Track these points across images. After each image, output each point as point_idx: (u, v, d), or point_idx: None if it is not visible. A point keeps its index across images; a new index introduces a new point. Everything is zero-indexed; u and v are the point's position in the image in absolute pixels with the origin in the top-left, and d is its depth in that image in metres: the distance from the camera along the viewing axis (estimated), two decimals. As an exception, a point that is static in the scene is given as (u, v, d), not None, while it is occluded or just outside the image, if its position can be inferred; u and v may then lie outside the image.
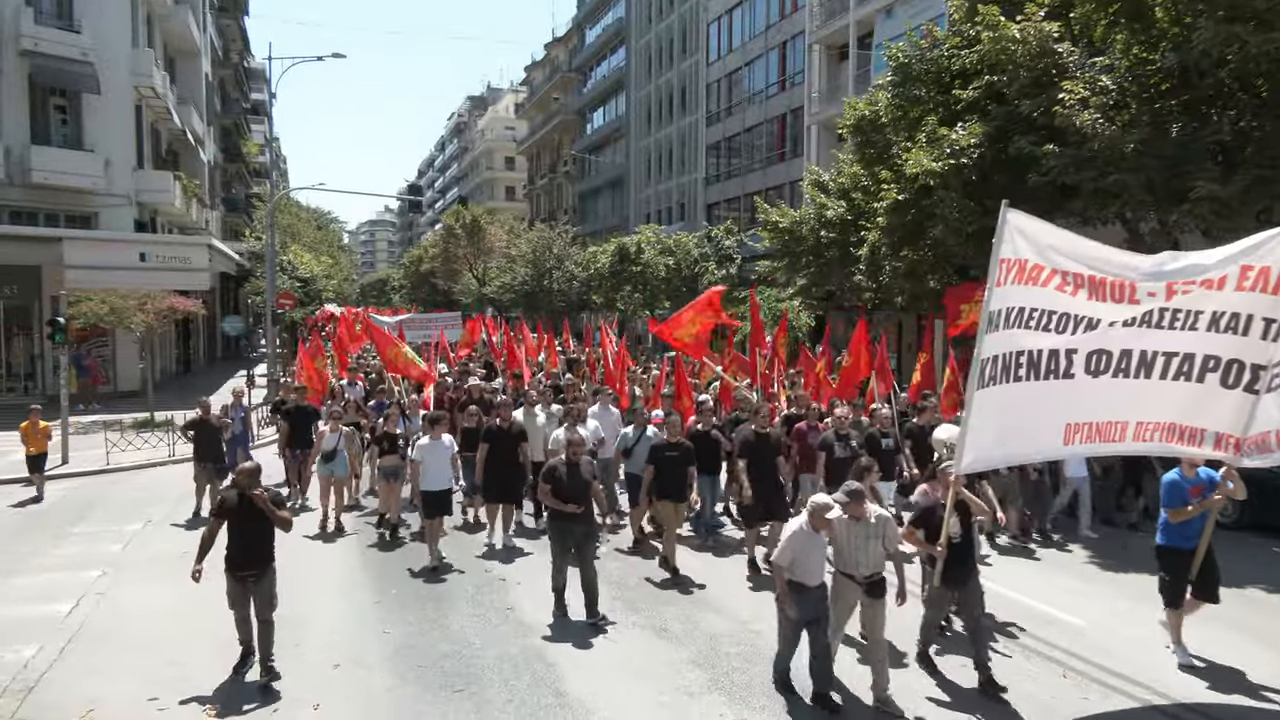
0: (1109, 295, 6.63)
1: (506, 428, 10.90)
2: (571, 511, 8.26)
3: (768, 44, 38.47)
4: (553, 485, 8.41)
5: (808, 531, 6.57)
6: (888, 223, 16.70)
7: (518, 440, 10.92)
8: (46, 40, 25.28)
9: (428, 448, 10.12)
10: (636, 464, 10.61)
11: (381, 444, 11.52)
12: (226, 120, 50.24)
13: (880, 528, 6.67)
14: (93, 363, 25.53)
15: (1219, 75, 11.63)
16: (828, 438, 10.34)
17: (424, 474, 10.08)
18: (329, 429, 12.04)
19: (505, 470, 10.76)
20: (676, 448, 9.85)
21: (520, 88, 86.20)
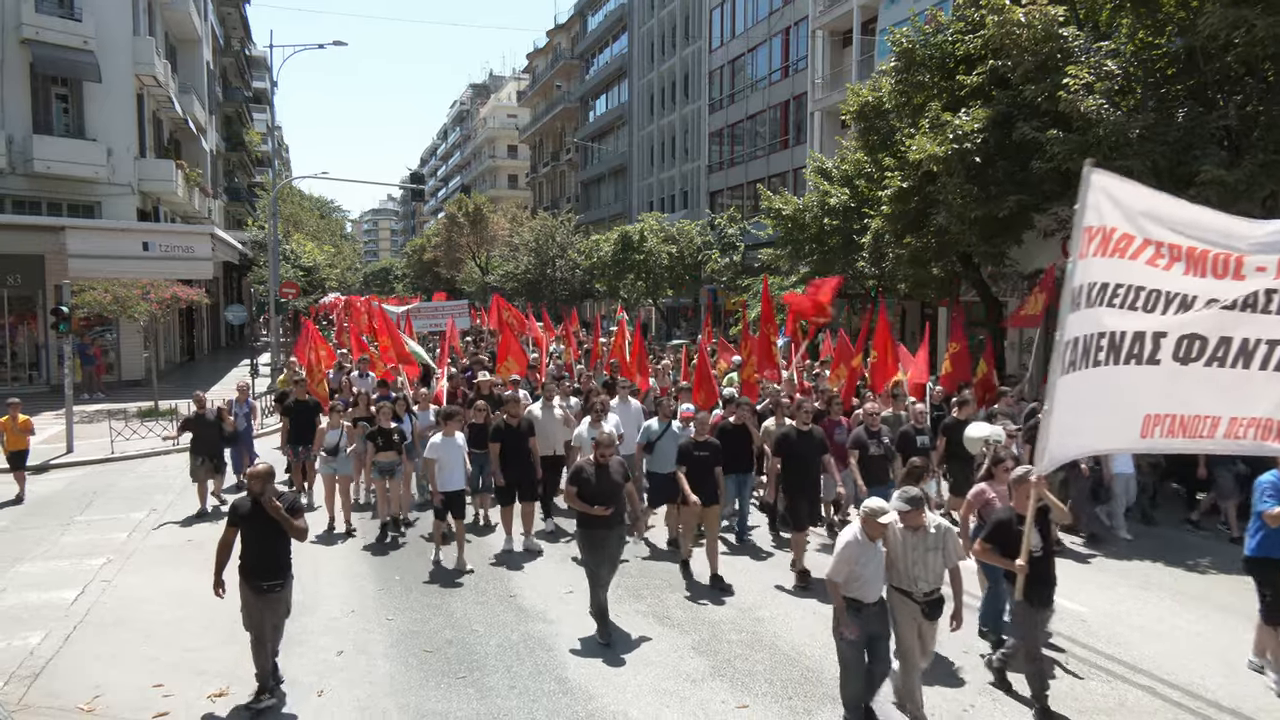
0: (1209, 270, 5.80)
1: (515, 425, 10.35)
2: (600, 514, 7.63)
3: (770, 30, 38.23)
4: (579, 488, 7.80)
5: (862, 541, 5.95)
6: (891, 210, 16.64)
7: (528, 436, 10.42)
8: (48, 29, 25.22)
9: (442, 445, 9.68)
10: (660, 460, 10.01)
11: (376, 440, 10.85)
12: (228, 108, 50.14)
13: (940, 539, 6.09)
14: (96, 351, 25.54)
15: (1225, 59, 11.53)
16: (860, 435, 9.77)
17: (440, 474, 9.65)
18: (329, 424, 11.50)
19: (518, 468, 10.21)
20: (705, 446, 9.15)
21: (522, 75, 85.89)
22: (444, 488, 9.66)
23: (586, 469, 7.89)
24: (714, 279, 35.99)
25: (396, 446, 10.87)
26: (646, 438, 10.41)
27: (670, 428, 10.13)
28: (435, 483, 9.65)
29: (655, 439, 10.26)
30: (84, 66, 25.79)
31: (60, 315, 16.92)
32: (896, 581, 6.15)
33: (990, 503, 7.30)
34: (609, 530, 7.79)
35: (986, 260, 16.49)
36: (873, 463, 9.60)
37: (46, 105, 26.28)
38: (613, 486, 7.87)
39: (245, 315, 35.83)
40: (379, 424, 10.96)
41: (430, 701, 6.62)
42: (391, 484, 10.90)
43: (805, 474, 9.22)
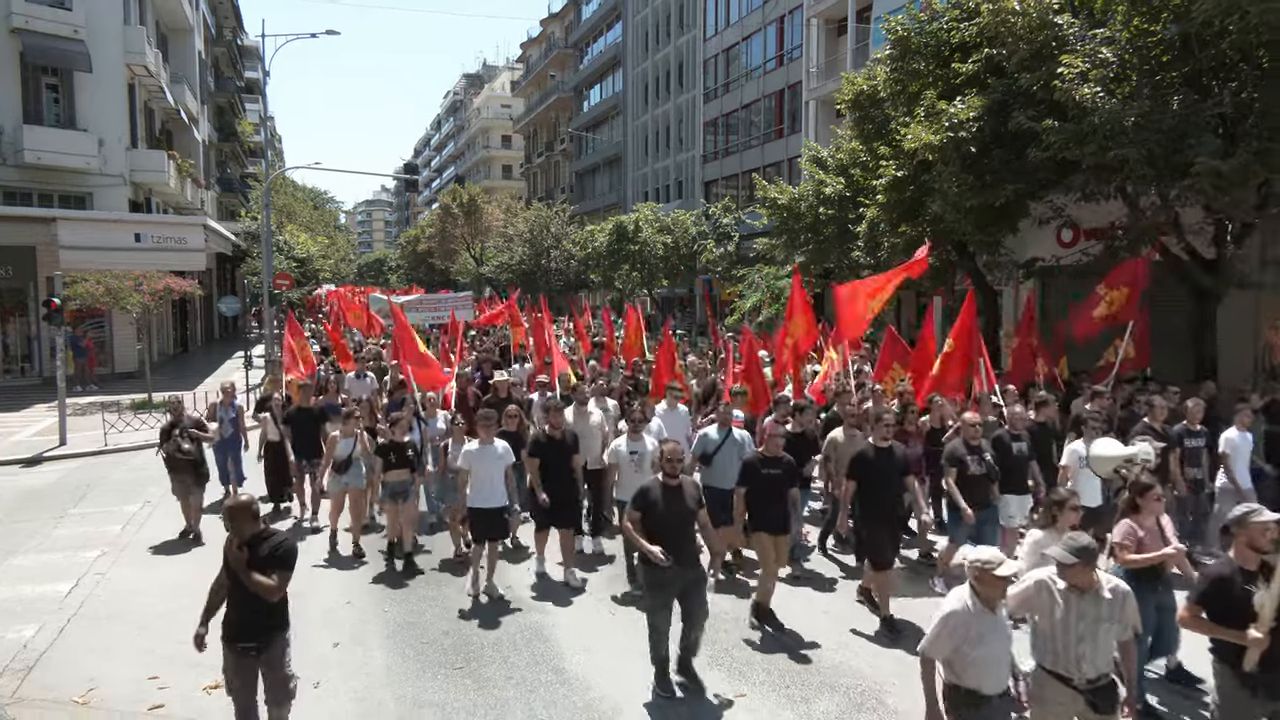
0: None
1: (559, 437, 8.93)
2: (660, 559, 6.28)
3: (765, 19, 38.08)
4: (644, 514, 6.48)
5: (975, 610, 4.45)
6: (886, 199, 16.60)
7: (572, 452, 9.00)
8: (37, 18, 25.02)
9: (477, 454, 8.44)
10: (719, 474, 8.65)
11: (388, 455, 9.41)
12: (221, 99, 49.83)
13: (1118, 606, 4.62)
14: (88, 343, 25.43)
15: (1220, 46, 11.49)
16: (957, 450, 8.24)
17: (473, 487, 8.39)
18: (341, 433, 10.04)
19: (558, 489, 8.81)
20: (776, 463, 7.69)
21: (516, 65, 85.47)
22: (482, 504, 8.34)
23: (653, 490, 6.54)
24: (709, 269, 35.95)
25: (411, 464, 9.50)
26: (703, 448, 9.04)
27: (731, 436, 8.90)
28: (464, 496, 8.45)
29: (714, 450, 8.86)
30: (74, 56, 25.60)
31: (52, 307, 16.83)
32: (1050, 663, 4.66)
33: (1144, 543, 5.94)
34: (680, 570, 6.44)
35: (982, 249, 16.47)
36: (973, 484, 8.11)
37: (37, 95, 26.10)
38: (684, 515, 6.55)
39: (239, 307, 35.72)
40: (392, 436, 9.59)
41: (427, 692, 6.62)
42: (404, 507, 9.46)
43: (886, 500, 7.82)
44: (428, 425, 10.73)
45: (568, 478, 8.95)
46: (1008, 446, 8.61)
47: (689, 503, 6.58)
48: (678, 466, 6.66)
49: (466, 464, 8.45)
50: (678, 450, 6.77)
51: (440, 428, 10.56)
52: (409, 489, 9.47)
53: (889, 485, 7.83)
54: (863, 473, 7.79)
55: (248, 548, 5.23)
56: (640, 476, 8.15)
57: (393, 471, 9.38)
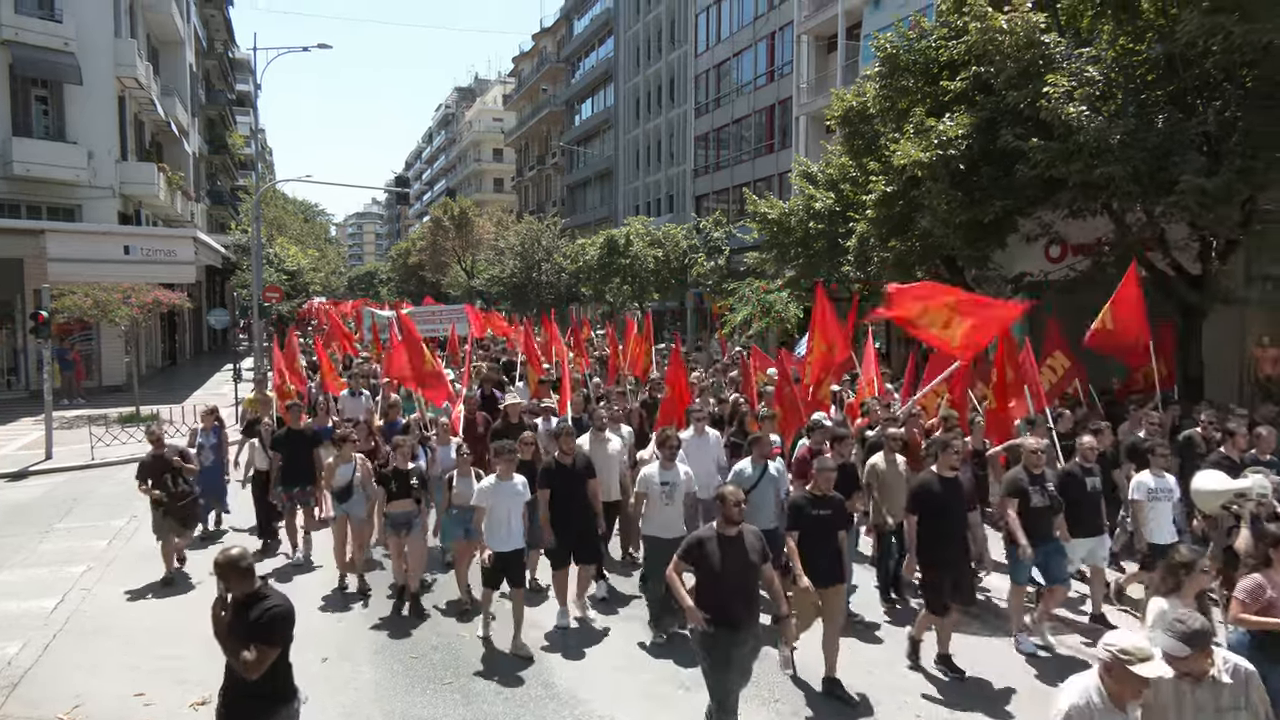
0: None
1: (569, 464, 8.20)
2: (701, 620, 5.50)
3: (756, 35, 38.36)
4: (698, 569, 5.65)
5: (1102, 708, 3.68)
6: (876, 214, 16.71)
7: (586, 478, 8.28)
8: (27, 30, 25.00)
9: (494, 491, 7.60)
10: (755, 513, 7.40)
11: (389, 484, 8.56)
12: (211, 111, 49.81)
13: (1241, 690, 3.95)
14: (75, 356, 25.28)
15: (1204, 65, 11.66)
16: (1018, 480, 7.48)
17: (489, 528, 7.59)
18: (338, 459, 9.10)
19: (575, 521, 8.09)
20: (827, 503, 6.76)
21: (508, 79, 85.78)
22: (499, 546, 7.55)
23: (708, 541, 5.67)
24: (700, 283, 36.05)
25: (415, 494, 8.64)
26: (737, 484, 7.63)
27: (767, 471, 8.02)
28: (484, 537, 7.59)
29: (749, 487, 7.76)
30: (64, 68, 25.58)
31: (39, 320, 16.73)
32: None
33: (1275, 605, 5.01)
34: (737, 634, 5.58)
35: (970, 264, 16.59)
36: (1036, 517, 7.33)
37: (26, 107, 26.04)
38: (746, 570, 5.65)
39: (228, 319, 35.60)
40: (393, 463, 8.72)
41: (416, 708, 6.59)
42: (409, 541, 8.56)
43: (951, 537, 6.97)
44: (438, 453, 9.76)
45: (584, 508, 8.15)
46: (1080, 482, 7.72)
47: (752, 555, 5.67)
48: (739, 512, 5.73)
49: (483, 501, 7.61)
50: (738, 494, 5.85)
51: (452, 459, 9.24)
52: (414, 521, 8.54)
53: (956, 519, 7.01)
54: (927, 506, 6.93)
55: (238, 608, 4.48)
56: (672, 510, 7.73)
57: (395, 502, 8.52)
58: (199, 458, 10.84)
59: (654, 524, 7.78)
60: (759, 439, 8.33)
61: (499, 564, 7.54)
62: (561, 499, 8.06)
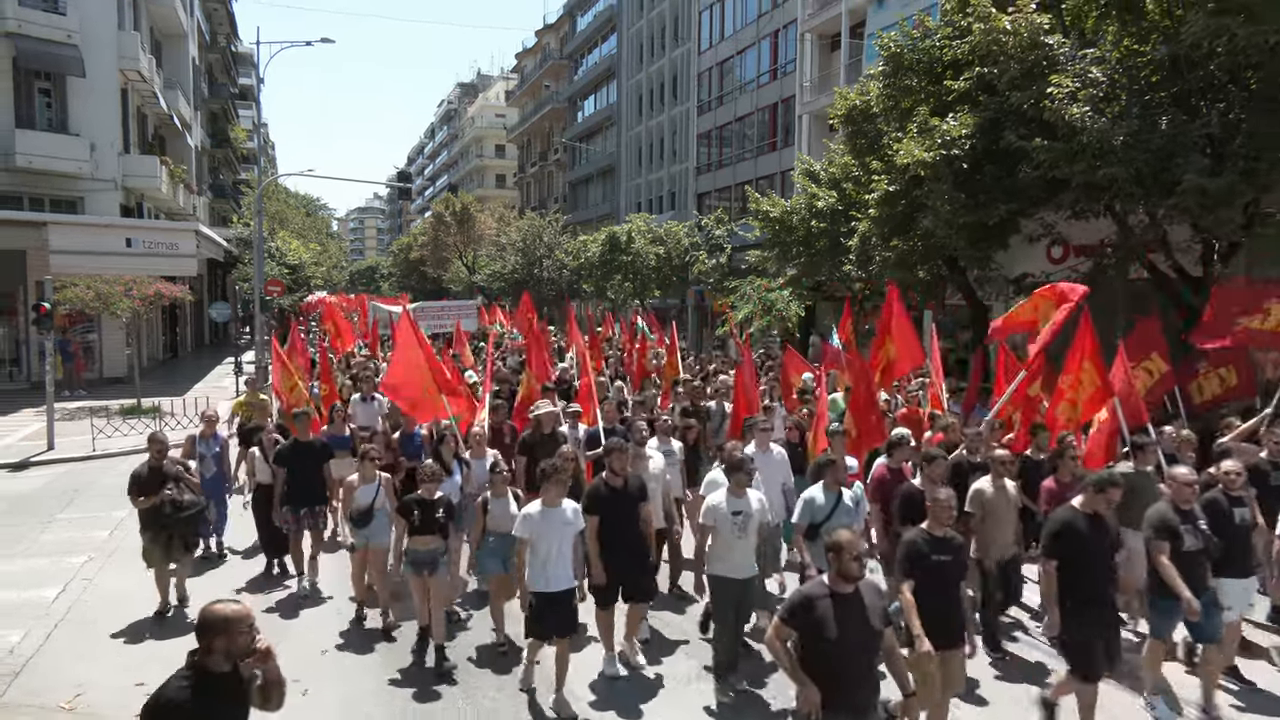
0: None
1: (620, 486, 7.00)
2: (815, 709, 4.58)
3: (759, 33, 38.33)
4: (806, 636, 4.62)
5: None
6: (878, 213, 16.71)
7: (639, 502, 7.10)
8: (31, 22, 24.99)
9: (540, 520, 6.42)
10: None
11: (411, 514, 7.16)
12: (214, 105, 49.82)
13: None
14: (76, 348, 25.30)
15: (1208, 67, 11.67)
16: (1167, 518, 6.24)
17: (533, 565, 6.42)
18: (360, 477, 8.01)
19: (626, 552, 6.93)
20: (947, 546, 5.65)
21: (511, 74, 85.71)
22: (545, 587, 6.36)
23: (819, 601, 4.62)
24: (701, 280, 36.06)
25: (443, 527, 7.27)
26: (809, 516, 7.06)
27: (842, 501, 7.06)
28: (524, 577, 6.43)
29: (821, 519, 6.94)
30: (68, 61, 25.57)
31: (41, 311, 16.76)
32: None
33: None
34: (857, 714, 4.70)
35: (972, 264, 16.60)
36: (1189, 563, 6.15)
37: (29, 99, 26.04)
38: (866, 639, 4.64)
39: (229, 313, 35.62)
40: (419, 488, 7.31)
41: (415, 699, 6.61)
42: (433, 581, 7.25)
43: (1099, 585, 5.85)
44: (471, 468, 8.57)
45: (637, 537, 7.04)
46: (1227, 514, 6.54)
47: (873, 620, 4.63)
48: (859, 568, 4.65)
49: (527, 532, 6.40)
50: (857, 543, 4.74)
51: (483, 475, 8.12)
52: (439, 559, 7.26)
53: (1103, 565, 5.87)
54: (1071, 550, 5.78)
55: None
56: (745, 545, 6.57)
57: (418, 537, 7.14)
58: (199, 468, 9.64)
59: (723, 562, 6.57)
60: (831, 462, 7.20)
61: (544, 609, 6.34)
62: (611, 526, 6.87)
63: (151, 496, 8.11)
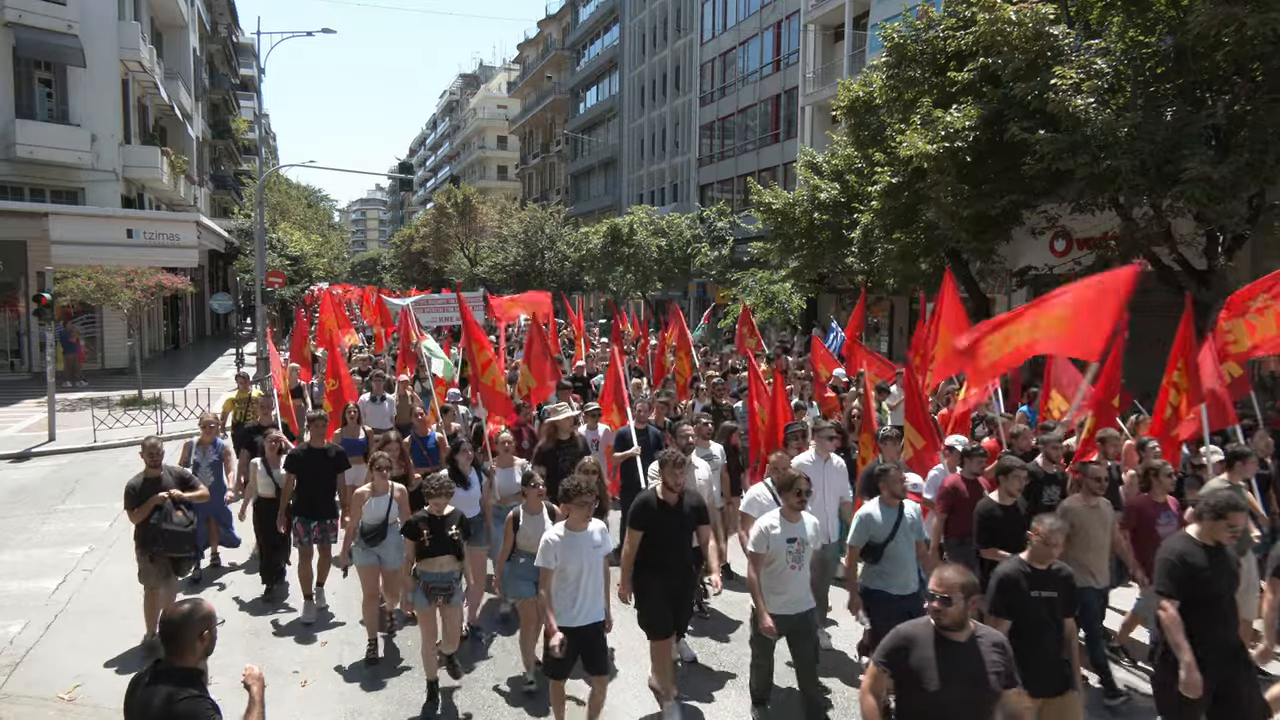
0: None
1: (674, 503, 6.15)
2: None
3: (762, 24, 38.19)
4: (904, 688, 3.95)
5: None
6: (881, 205, 16.67)
7: (694, 524, 6.23)
8: (31, 12, 24.88)
9: (566, 545, 5.60)
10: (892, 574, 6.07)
11: (418, 534, 6.19)
12: (215, 96, 49.72)
13: None
14: (76, 339, 25.28)
15: (1214, 58, 11.60)
16: None
17: (560, 596, 5.63)
18: (371, 488, 7.15)
19: (674, 577, 6.17)
20: (1052, 580, 4.92)
21: (513, 65, 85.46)
22: (571, 621, 5.59)
23: (920, 645, 3.93)
24: (703, 272, 36.01)
25: (458, 546, 6.31)
26: (867, 535, 6.09)
27: (904, 517, 6.10)
28: (551, 612, 5.57)
29: (884, 540, 6.05)
30: (68, 51, 25.48)
31: (42, 302, 16.73)
32: None
33: None
34: None
35: (975, 257, 16.56)
36: None
37: (30, 90, 25.96)
38: (982, 701, 3.89)
39: (231, 304, 35.63)
40: (428, 502, 6.30)
41: (414, 693, 6.59)
42: (447, 612, 6.39)
43: (1222, 629, 4.93)
44: (495, 478, 7.69)
45: (687, 565, 6.29)
46: None
47: (991, 678, 3.89)
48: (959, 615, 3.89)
49: (550, 560, 5.57)
50: (971, 580, 3.96)
51: (516, 483, 7.24)
52: (455, 583, 6.34)
53: (1225, 606, 4.93)
54: (1193, 588, 4.82)
55: None
56: (800, 577, 5.77)
57: (429, 559, 6.21)
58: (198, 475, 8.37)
59: (777, 596, 5.75)
60: (885, 471, 6.27)
61: (572, 645, 5.56)
62: (659, 548, 6.07)
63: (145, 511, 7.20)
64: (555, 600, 5.60)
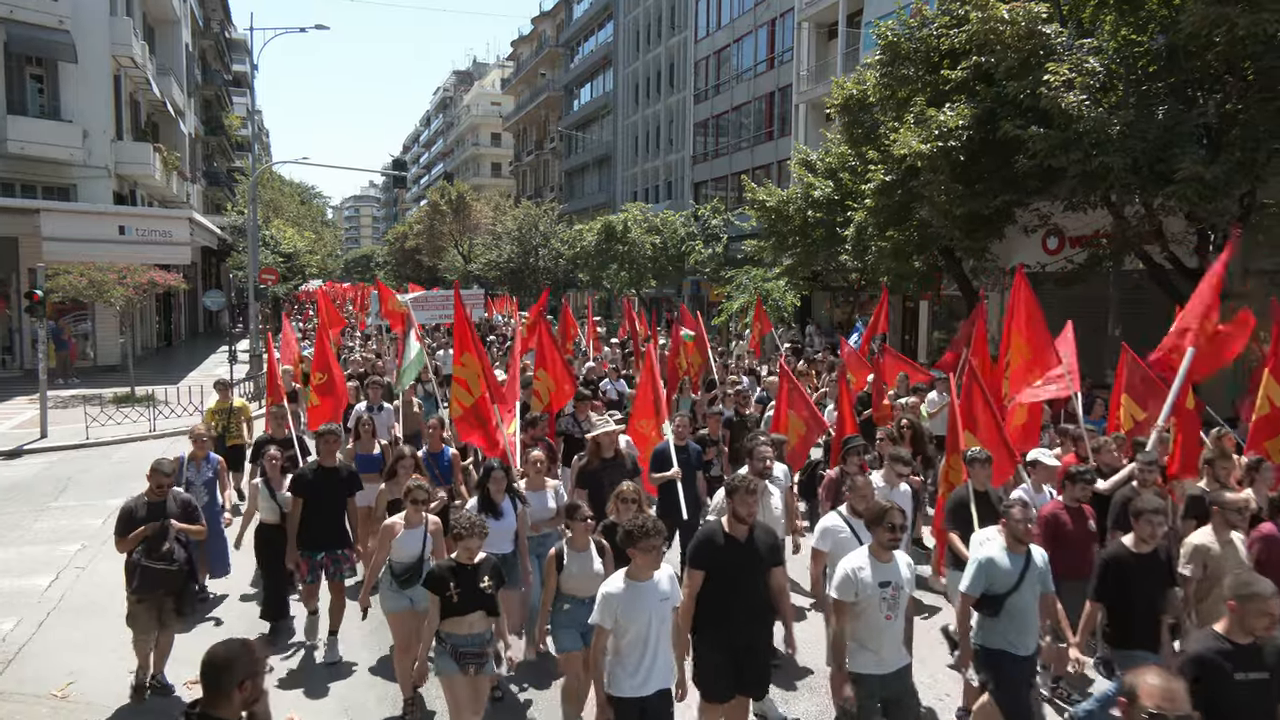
0: None
1: (745, 539, 5.08)
2: None
3: (756, 21, 38.19)
4: None
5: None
6: (874, 203, 16.72)
7: (767, 565, 5.17)
8: (22, 7, 24.71)
9: (627, 598, 4.59)
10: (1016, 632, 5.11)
11: (444, 588, 5.03)
12: (208, 92, 49.49)
13: None
14: (68, 335, 25.19)
15: (1206, 58, 11.66)
16: None
17: (620, 659, 4.61)
18: (405, 519, 5.98)
19: (746, 628, 5.06)
20: (1257, 659, 3.98)
21: (507, 62, 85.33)
22: (636, 690, 4.58)
23: None
24: (697, 270, 36.04)
25: (491, 604, 5.16)
26: (986, 582, 5.12)
27: (1032, 563, 5.15)
28: (600, 679, 4.62)
29: (1006, 591, 5.08)
30: (60, 47, 25.35)
31: (34, 299, 16.66)
32: None
33: None
34: None
35: (969, 254, 16.62)
36: None
37: (21, 85, 25.83)
38: None
39: (224, 301, 35.53)
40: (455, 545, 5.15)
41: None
42: (481, 683, 5.30)
43: None
44: (529, 503, 6.64)
45: (762, 610, 5.19)
46: None
47: None
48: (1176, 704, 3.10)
49: (608, 618, 4.56)
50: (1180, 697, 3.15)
51: (550, 508, 6.57)
52: (488, 649, 5.21)
53: None
54: None
55: None
56: (895, 628, 4.78)
57: (456, 619, 5.08)
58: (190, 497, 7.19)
59: (869, 653, 4.77)
60: (1010, 512, 5.19)
61: (634, 717, 4.58)
62: (726, 592, 4.96)
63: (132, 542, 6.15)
64: (613, 665, 4.59)
